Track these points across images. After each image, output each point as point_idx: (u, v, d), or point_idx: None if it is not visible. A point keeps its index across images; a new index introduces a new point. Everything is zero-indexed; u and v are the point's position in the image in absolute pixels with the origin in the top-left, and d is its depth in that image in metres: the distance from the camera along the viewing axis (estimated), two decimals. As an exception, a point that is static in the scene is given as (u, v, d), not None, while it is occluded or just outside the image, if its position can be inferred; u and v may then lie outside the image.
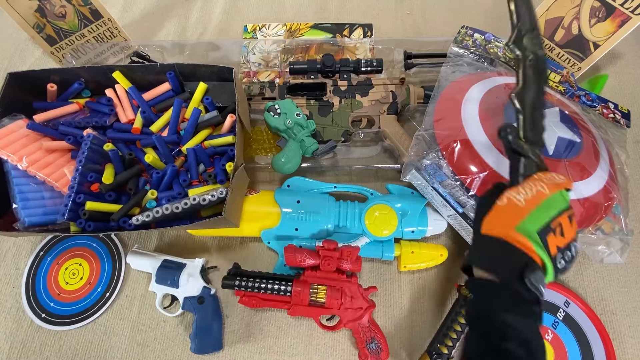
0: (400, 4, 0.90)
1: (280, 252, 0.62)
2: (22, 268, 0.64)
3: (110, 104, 0.64)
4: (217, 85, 0.66)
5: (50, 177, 0.57)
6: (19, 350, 0.60)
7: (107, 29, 0.78)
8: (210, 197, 0.53)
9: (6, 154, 0.55)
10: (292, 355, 0.59)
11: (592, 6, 0.66)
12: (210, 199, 0.53)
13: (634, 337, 0.59)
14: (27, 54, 0.84)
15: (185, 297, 0.59)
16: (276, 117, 0.63)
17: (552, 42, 0.73)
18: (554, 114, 0.55)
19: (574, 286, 0.62)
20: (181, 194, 0.58)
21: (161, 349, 0.60)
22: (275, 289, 0.57)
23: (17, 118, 0.59)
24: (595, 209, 0.51)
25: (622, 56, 0.80)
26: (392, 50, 0.78)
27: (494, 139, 0.51)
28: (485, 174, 0.50)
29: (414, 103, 0.68)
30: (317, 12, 0.89)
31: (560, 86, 0.65)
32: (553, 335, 0.57)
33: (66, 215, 0.53)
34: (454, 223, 0.58)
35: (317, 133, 0.67)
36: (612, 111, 0.63)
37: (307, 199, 0.62)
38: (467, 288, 0.40)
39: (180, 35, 0.86)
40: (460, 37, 0.68)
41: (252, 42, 0.82)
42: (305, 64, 0.68)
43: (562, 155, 0.51)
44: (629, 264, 0.63)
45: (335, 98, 0.69)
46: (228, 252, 0.66)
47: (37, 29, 0.73)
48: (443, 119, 0.56)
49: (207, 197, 0.53)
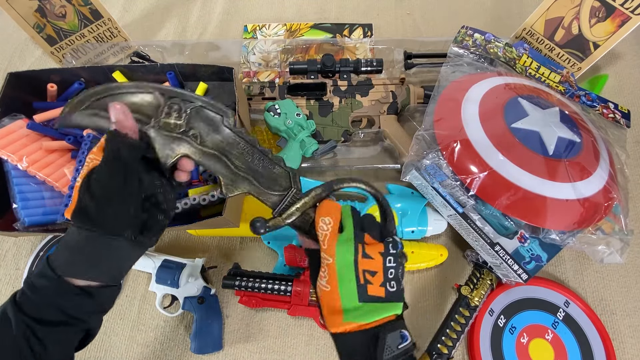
0: (400, 4, 0.90)
1: (280, 252, 0.62)
2: (22, 268, 0.64)
3: (110, 104, 0.64)
4: (217, 85, 0.66)
5: (50, 177, 0.57)
6: (19, 350, 0.60)
7: (107, 29, 0.78)
8: (210, 197, 0.53)
9: (6, 154, 0.55)
10: (292, 355, 0.59)
11: (592, 6, 0.66)
12: (210, 199, 0.53)
13: (634, 337, 0.59)
14: (27, 54, 0.84)
15: (185, 297, 0.59)
16: (276, 117, 0.63)
17: (552, 42, 0.73)
18: (554, 114, 0.55)
19: (574, 286, 0.62)
20: (181, 194, 0.58)
21: (161, 349, 0.60)
22: (275, 289, 0.57)
23: (17, 118, 0.59)
24: (595, 209, 0.51)
25: (622, 56, 0.80)
26: (392, 50, 0.78)
27: (494, 139, 0.51)
28: (485, 174, 0.50)
29: (414, 103, 0.68)
30: (317, 12, 0.89)
31: (560, 86, 0.65)
32: (553, 335, 0.57)
33: (66, 215, 0.53)
34: (454, 223, 0.58)
35: (317, 133, 0.67)
36: (612, 111, 0.63)
37: (307, 199, 0.62)
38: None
39: (180, 35, 0.86)
40: (460, 37, 0.68)
41: (252, 42, 0.82)
42: (305, 64, 0.68)
43: (562, 155, 0.51)
44: (629, 264, 0.63)
45: (335, 98, 0.69)
46: (228, 252, 0.66)
47: (37, 29, 0.73)
48: (443, 119, 0.56)
49: (207, 197, 0.53)
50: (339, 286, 0.34)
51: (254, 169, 0.38)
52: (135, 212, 0.35)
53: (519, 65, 0.66)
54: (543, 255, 0.54)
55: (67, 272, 0.34)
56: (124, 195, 0.34)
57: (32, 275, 0.34)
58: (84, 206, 0.34)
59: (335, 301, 0.34)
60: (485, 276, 0.59)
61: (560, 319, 0.58)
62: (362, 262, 0.34)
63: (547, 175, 0.49)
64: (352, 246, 0.34)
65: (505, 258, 0.53)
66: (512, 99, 0.55)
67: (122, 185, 0.34)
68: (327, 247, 0.35)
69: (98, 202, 0.33)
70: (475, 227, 0.54)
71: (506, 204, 0.49)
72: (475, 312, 0.58)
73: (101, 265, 0.35)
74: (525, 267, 0.53)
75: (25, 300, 0.34)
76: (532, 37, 0.75)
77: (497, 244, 0.53)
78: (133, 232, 0.35)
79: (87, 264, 0.34)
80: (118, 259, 0.36)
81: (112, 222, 0.34)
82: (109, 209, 0.34)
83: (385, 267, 0.34)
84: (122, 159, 0.34)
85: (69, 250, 0.34)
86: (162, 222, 0.38)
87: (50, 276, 0.33)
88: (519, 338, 0.57)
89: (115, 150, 0.34)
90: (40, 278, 0.34)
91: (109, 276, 0.36)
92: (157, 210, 0.37)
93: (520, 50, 0.66)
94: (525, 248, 0.54)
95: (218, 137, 0.38)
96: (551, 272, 0.63)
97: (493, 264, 0.57)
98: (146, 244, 0.37)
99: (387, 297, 0.34)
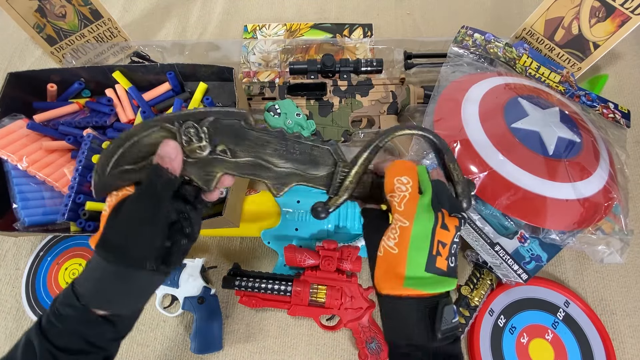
0: (400, 4, 0.90)
1: (280, 252, 0.62)
2: (22, 268, 0.64)
3: (110, 104, 0.64)
4: (217, 85, 0.66)
5: (50, 177, 0.57)
6: (19, 350, 0.60)
7: (107, 29, 0.78)
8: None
9: (6, 154, 0.55)
10: (292, 355, 0.59)
11: (592, 6, 0.66)
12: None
13: (634, 337, 0.59)
14: (27, 54, 0.84)
15: (185, 297, 0.59)
16: (276, 117, 0.63)
17: (552, 42, 0.73)
18: (554, 114, 0.55)
19: (574, 286, 0.62)
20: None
21: (161, 349, 0.60)
22: (275, 289, 0.57)
23: (17, 118, 0.59)
24: (595, 209, 0.51)
25: (622, 56, 0.80)
26: (392, 50, 0.78)
27: (494, 138, 0.51)
28: (485, 174, 0.50)
29: (414, 103, 0.68)
30: (317, 12, 0.89)
31: (560, 86, 0.65)
32: (553, 335, 0.57)
33: (66, 215, 0.53)
34: (454, 223, 0.58)
35: (317, 133, 0.67)
36: (612, 111, 0.63)
37: (307, 199, 0.62)
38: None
39: (180, 35, 0.86)
40: (460, 37, 0.68)
41: (252, 42, 0.82)
42: (305, 64, 0.68)
43: (562, 155, 0.51)
44: (629, 264, 0.63)
45: (335, 98, 0.69)
46: (228, 252, 0.66)
47: (37, 29, 0.73)
48: (443, 119, 0.56)
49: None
50: (409, 252, 0.32)
51: (293, 159, 0.36)
52: (161, 243, 0.35)
53: (519, 65, 0.66)
54: (543, 255, 0.54)
55: (91, 303, 0.34)
56: (151, 228, 0.34)
57: (58, 302, 0.34)
58: (109, 237, 0.33)
59: (399, 266, 0.32)
60: (485, 276, 0.59)
61: (560, 319, 0.58)
62: (439, 233, 0.33)
63: (547, 175, 0.49)
64: (434, 214, 0.33)
65: (505, 258, 0.53)
66: (512, 99, 0.55)
67: (152, 218, 0.33)
68: (404, 210, 0.33)
69: (124, 234, 0.33)
70: (475, 227, 0.54)
71: (506, 204, 0.49)
72: (475, 312, 0.58)
73: (123, 297, 0.35)
74: (525, 267, 0.53)
75: (50, 327, 0.34)
76: (532, 37, 0.75)
77: (497, 244, 0.53)
78: (156, 263, 0.35)
79: (110, 297, 0.34)
80: (140, 290, 0.36)
81: (137, 255, 0.33)
82: (135, 241, 0.33)
83: (453, 241, 0.34)
84: (156, 192, 0.33)
85: (93, 282, 0.34)
86: (185, 246, 0.37)
87: (76, 305, 0.33)
88: (519, 338, 0.57)
89: (153, 184, 0.33)
90: (66, 307, 0.34)
91: (131, 307, 0.36)
92: (182, 236, 0.37)
93: (520, 50, 0.66)
94: (525, 248, 0.54)
95: (246, 142, 0.36)
96: (551, 272, 0.63)
97: (493, 264, 0.57)
98: (168, 273, 0.37)
99: (447, 271, 0.33)
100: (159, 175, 0.33)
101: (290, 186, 0.36)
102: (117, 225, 0.33)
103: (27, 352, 0.33)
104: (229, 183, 0.37)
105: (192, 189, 0.37)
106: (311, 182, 0.37)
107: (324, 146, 0.37)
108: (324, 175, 0.37)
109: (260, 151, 0.36)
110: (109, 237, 0.33)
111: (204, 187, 0.36)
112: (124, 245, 0.33)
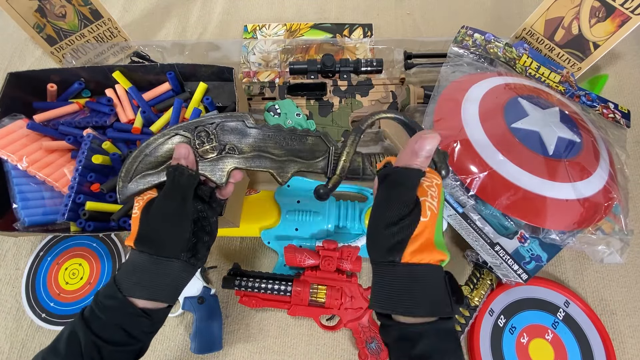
0: (400, 4, 0.90)
1: (280, 252, 0.62)
2: (22, 268, 0.64)
3: (110, 104, 0.64)
4: (217, 85, 0.66)
5: (50, 177, 0.57)
6: (19, 351, 0.60)
7: (107, 29, 0.78)
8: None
9: (6, 154, 0.55)
10: (292, 355, 0.59)
11: (592, 6, 0.66)
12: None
13: (634, 337, 0.59)
14: (27, 54, 0.84)
15: (185, 297, 0.59)
16: (276, 117, 0.63)
17: (552, 42, 0.73)
18: (554, 114, 0.55)
19: (574, 286, 0.62)
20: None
21: (161, 349, 0.60)
22: (275, 289, 0.57)
23: (17, 118, 0.59)
24: (595, 209, 0.51)
25: (622, 56, 0.80)
26: (392, 50, 0.78)
27: (494, 138, 0.51)
28: (485, 174, 0.50)
29: (414, 103, 0.68)
30: (317, 12, 0.89)
31: (560, 86, 0.65)
32: (553, 335, 0.57)
33: (66, 215, 0.53)
34: (454, 223, 0.58)
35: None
36: (612, 111, 0.63)
37: (307, 199, 0.62)
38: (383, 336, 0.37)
39: (180, 35, 0.86)
40: (460, 37, 0.68)
41: (252, 42, 0.82)
42: (305, 64, 0.68)
43: (562, 155, 0.51)
44: (629, 264, 0.63)
45: (335, 98, 0.69)
46: (228, 252, 0.66)
47: (37, 29, 0.73)
48: (443, 119, 0.56)
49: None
50: (440, 210, 0.34)
51: (291, 149, 0.42)
52: (189, 236, 0.39)
53: (519, 65, 0.66)
54: (543, 255, 0.54)
55: (132, 293, 0.37)
56: (180, 220, 0.38)
57: (100, 295, 0.37)
58: (145, 233, 0.37)
59: (430, 233, 0.34)
60: (485, 276, 0.59)
61: (560, 319, 0.58)
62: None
63: (547, 175, 0.49)
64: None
65: (505, 258, 0.53)
66: (512, 99, 0.55)
67: (179, 211, 0.37)
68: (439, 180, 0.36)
69: (158, 228, 0.37)
70: (475, 227, 0.54)
71: (506, 204, 0.49)
72: (475, 312, 0.58)
73: (162, 285, 0.38)
74: (525, 267, 0.53)
75: (94, 319, 0.36)
76: (532, 37, 0.75)
77: (497, 244, 0.53)
78: (187, 254, 0.39)
79: (150, 285, 0.37)
80: (175, 279, 0.39)
81: (171, 246, 0.37)
82: (168, 234, 0.37)
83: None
84: (180, 187, 0.38)
85: (133, 273, 0.37)
86: (208, 242, 0.41)
87: (118, 297, 0.36)
88: (519, 338, 0.57)
89: (176, 180, 0.38)
90: (108, 299, 0.36)
91: (168, 296, 0.39)
92: (203, 233, 0.41)
93: (520, 50, 0.66)
94: (525, 248, 0.54)
95: (250, 139, 0.42)
96: (551, 272, 0.63)
97: (493, 264, 0.57)
98: (197, 265, 0.41)
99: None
100: (181, 172, 0.38)
101: (292, 172, 0.42)
102: (150, 222, 0.37)
103: (71, 343, 0.36)
104: (239, 177, 0.42)
105: (207, 189, 0.42)
106: (310, 168, 0.42)
107: (314, 135, 0.42)
108: (321, 160, 0.42)
109: (262, 145, 0.42)
110: (144, 233, 0.37)
111: (217, 182, 0.41)
112: (159, 238, 0.37)
